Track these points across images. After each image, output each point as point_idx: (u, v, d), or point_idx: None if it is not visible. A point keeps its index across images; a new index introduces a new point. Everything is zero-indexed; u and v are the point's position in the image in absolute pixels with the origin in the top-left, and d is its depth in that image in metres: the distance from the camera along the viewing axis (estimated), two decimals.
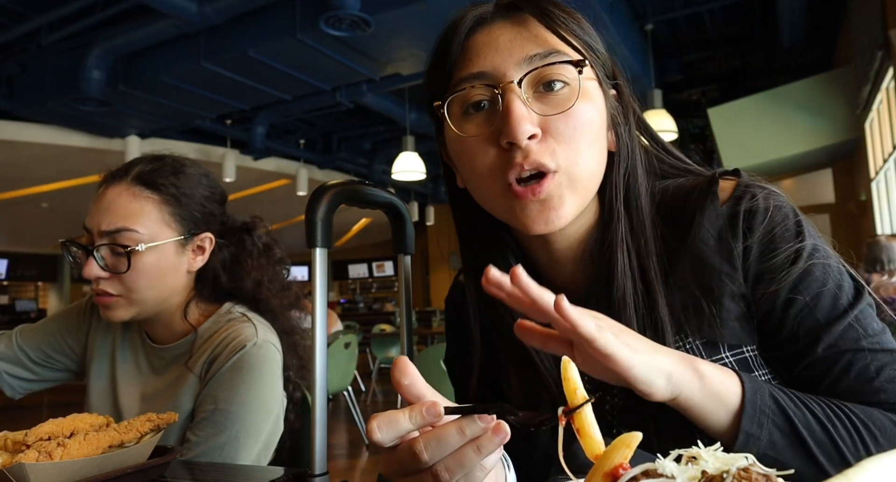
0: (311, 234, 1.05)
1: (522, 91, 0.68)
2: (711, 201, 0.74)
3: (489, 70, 0.70)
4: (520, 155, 0.68)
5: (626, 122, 0.77)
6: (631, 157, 0.76)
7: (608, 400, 0.74)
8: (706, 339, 0.70)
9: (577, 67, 0.69)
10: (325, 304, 1.07)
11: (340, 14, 4.87)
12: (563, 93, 0.69)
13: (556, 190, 0.69)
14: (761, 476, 0.37)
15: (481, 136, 0.71)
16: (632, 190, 0.76)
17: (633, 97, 0.79)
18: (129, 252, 1.14)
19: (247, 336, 1.17)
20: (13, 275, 15.10)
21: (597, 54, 0.74)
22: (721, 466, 0.38)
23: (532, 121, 0.67)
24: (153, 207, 1.18)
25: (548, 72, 0.69)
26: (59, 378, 1.35)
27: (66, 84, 6.18)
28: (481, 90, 0.70)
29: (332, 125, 9.82)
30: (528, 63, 0.69)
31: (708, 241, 0.72)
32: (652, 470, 0.40)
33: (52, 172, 8.66)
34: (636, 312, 0.72)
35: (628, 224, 0.75)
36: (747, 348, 0.70)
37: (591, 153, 0.71)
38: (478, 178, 0.73)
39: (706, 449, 0.41)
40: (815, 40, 7.47)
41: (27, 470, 0.71)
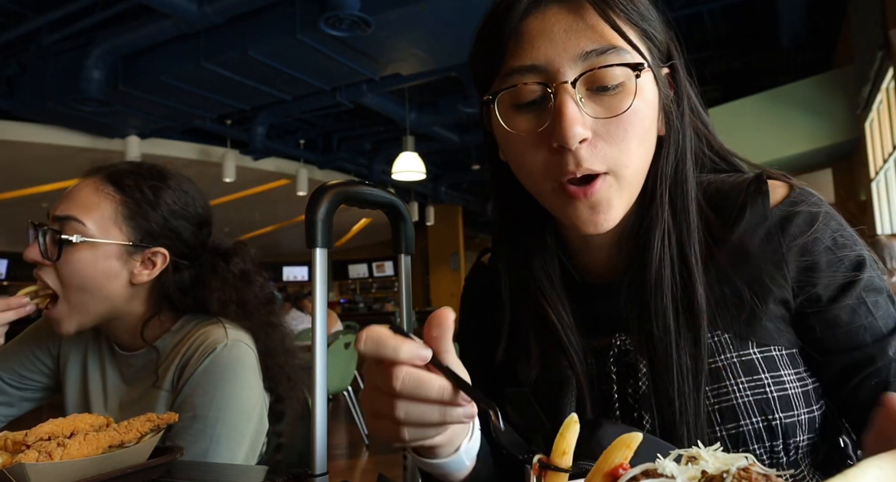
0: (310, 235, 1.05)
1: (576, 92, 0.66)
2: (762, 200, 0.73)
3: (542, 63, 0.67)
4: (571, 161, 0.66)
5: (680, 106, 0.75)
6: (682, 142, 0.74)
7: (631, 384, 0.74)
8: (736, 334, 0.70)
9: (634, 70, 0.66)
10: (325, 305, 1.07)
11: (340, 14, 4.87)
12: (618, 93, 0.67)
13: (605, 192, 0.68)
14: (761, 476, 0.37)
15: (531, 134, 0.68)
16: (679, 174, 0.74)
17: (687, 78, 0.77)
18: (62, 241, 1.10)
19: (216, 337, 1.13)
20: (13, 276, 15.09)
21: (654, 41, 0.71)
22: (721, 466, 0.38)
23: (584, 123, 0.65)
24: (109, 205, 1.15)
25: (603, 73, 0.66)
26: (37, 398, 1.31)
27: (66, 84, 6.18)
28: (533, 88, 0.68)
29: (332, 125, 9.82)
30: (583, 60, 0.66)
31: (754, 238, 0.71)
32: (652, 470, 0.40)
33: (52, 172, 8.66)
34: (672, 299, 0.71)
35: (671, 209, 0.73)
36: (776, 347, 0.70)
37: (640, 152, 0.69)
38: (527, 175, 0.72)
39: (706, 449, 0.41)
40: (815, 40, 7.47)
41: (27, 470, 0.70)
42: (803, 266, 0.70)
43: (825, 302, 0.69)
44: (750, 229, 0.72)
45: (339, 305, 16.52)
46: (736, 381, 0.69)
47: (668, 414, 0.69)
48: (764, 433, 0.68)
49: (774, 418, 0.68)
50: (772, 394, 0.68)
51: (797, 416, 0.69)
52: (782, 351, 0.70)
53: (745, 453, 0.40)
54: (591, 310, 0.78)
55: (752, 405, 0.68)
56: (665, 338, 0.70)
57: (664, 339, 0.70)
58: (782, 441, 0.69)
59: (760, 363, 0.69)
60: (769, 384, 0.68)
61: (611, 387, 0.75)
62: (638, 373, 0.73)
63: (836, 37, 7.59)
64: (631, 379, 0.74)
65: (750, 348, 0.70)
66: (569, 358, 0.75)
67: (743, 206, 0.73)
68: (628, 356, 0.74)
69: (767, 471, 0.38)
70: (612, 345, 0.76)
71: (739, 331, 0.70)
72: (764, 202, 0.73)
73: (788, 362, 0.70)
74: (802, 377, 0.70)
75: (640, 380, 0.73)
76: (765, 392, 0.68)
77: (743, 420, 0.68)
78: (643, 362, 0.72)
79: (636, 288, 0.73)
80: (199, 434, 1.07)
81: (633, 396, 0.73)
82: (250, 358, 1.16)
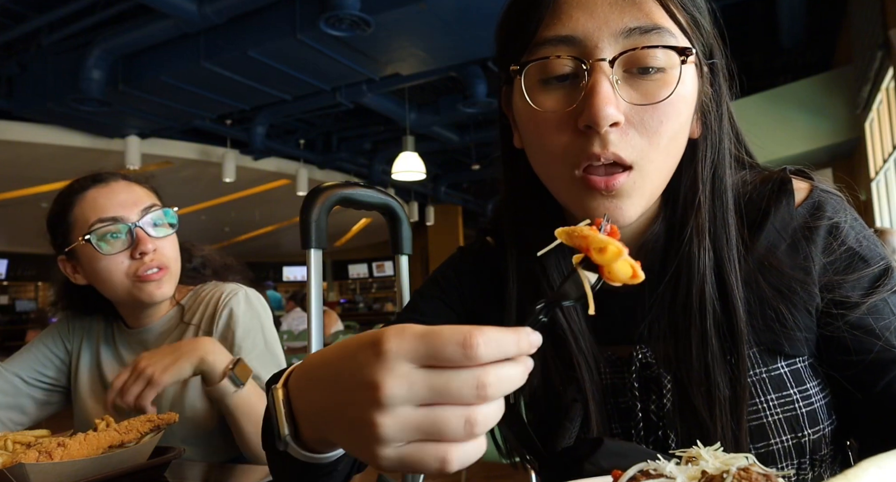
0: (305, 236, 1.05)
1: (613, 72, 0.60)
2: (787, 201, 0.69)
3: (580, 36, 0.60)
4: (598, 143, 0.60)
5: (719, 108, 0.70)
6: (719, 145, 0.69)
7: (654, 400, 0.69)
8: (765, 347, 0.66)
9: (680, 56, 0.60)
10: (320, 305, 1.08)
11: (340, 14, 4.87)
12: (658, 79, 0.61)
13: (629, 187, 0.62)
14: (761, 476, 0.37)
15: (557, 113, 0.62)
16: (718, 181, 0.68)
17: (726, 79, 0.72)
18: (179, 216, 1.29)
19: (233, 288, 1.32)
20: (13, 276, 15.09)
21: (701, 31, 0.66)
22: (721, 466, 0.38)
23: (618, 105, 0.59)
24: (153, 194, 1.32)
25: (645, 54, 0.60)
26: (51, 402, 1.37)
27: (66, 84, 6.18)
28: (566, 62, 0.61)
29: (332, 125, 9.82)
30: (625, 37, 0.60)
31: (779, 243, 0.68)
32: (652, 469, 0.40)
33: (52, 172, 8.65)
34: (713, 318, 0.65)
35: (711, 219, 0.68)
36: (800, 359, 0.67)
37: (670, 149, 0.64)
38: (546, 157, 0.66)
39: (706, 449, 0.41)
40: (815, 40, 7.47)
41: (27, 470, 0.70)
42: (831, 269, 0.67)
43: (852, 303, 0.66)
44: (775, 234, 0.68)
45: (339, 305, 16.52)
46: (766, 398, 0.66)
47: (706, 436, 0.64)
48: (793, 451, 0.65)
49: (804, 435, 0.65)
50: (800, 409, 0.66)
51: (823, 430, 0.66)
52: (805, 362, 0.67)
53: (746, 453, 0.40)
54: (607, 318, 0.71)
55: (782, 423, 0.65)
56: (703, 358, 0.65)
57: (702, 359, 0.65)
58: (809, 456, 0.66)
59: (788, 377, 0.66)
60: (797, 399, 0.66)
61: (633, 401, 0.70)
62: (662, 388, 0.68)
63: (836, 37, 7.59)
64: (654, 394, 0.69)
65: (778, 362, 0.66)
66: (579, 367, 0.70)
67: (767, 210, 0.69)
68: (650, 370, 0.70)
69: (767, 471, 0.38)
70: (633, 358, 0.71)
71: (769, 344, 0.66)
72: (789, 203, 0.69)
73: (812, 373, 0.67)
74: (823, 387, 0.68)
75: (664, 397, 0.68)
76: (794, 408, 0.66)
77: (773, 438, 0.65)
78: (667, 377, 0.68)
79: (667, 301, 0.68)
80: (267, 360, 1.25)
81: (657, 413, 0.69)
82: (266, 305, 1.35)
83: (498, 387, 0.41)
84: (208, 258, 1.45)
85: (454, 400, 0.41)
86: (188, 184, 10.04)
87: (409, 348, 0.41)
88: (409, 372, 0.41)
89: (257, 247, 16.28)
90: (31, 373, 1.34)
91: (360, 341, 0.44)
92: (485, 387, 0.40)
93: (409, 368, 0.41)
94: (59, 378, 1.37)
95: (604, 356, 0.72)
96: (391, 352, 0.41)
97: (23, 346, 1.40)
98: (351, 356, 0.44)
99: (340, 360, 0.45)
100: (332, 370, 0.46)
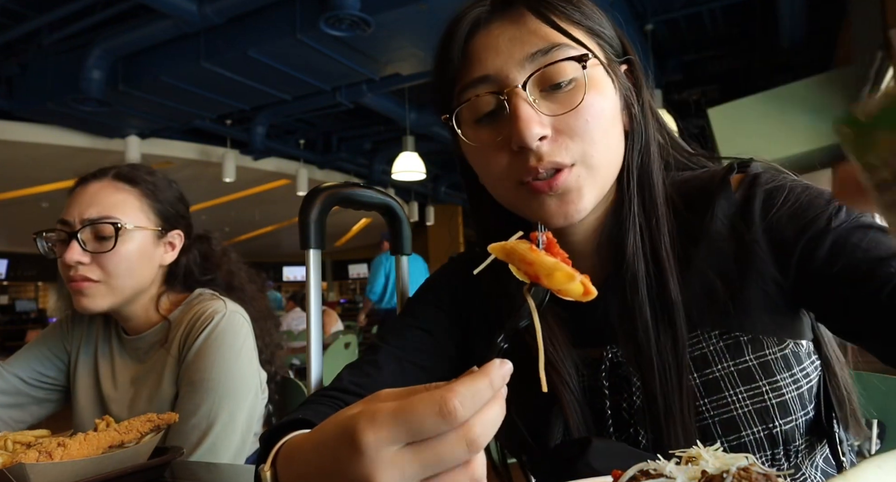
0: (304, 236, 1.05)
1: (528, 93, 0.66)
2: (725, 188, 0.73)
3: (492, 73, 0.68)
4: (533, 158, 0.66)
5: (640, 99, 0.75)
6: (644, 134, 0.75)
7: (625, 398, 0.72)
8: (723, 330, 0.68)
9: (580, 63, 0.67)
10: (319, 305, 1.08)
11: (340, 14, 4.87)
12: (571, 89, 0.67)
13: (574, 182, 0.67)
14: (761, 475, 0.37)
15: (493, 143, 0.69)
16: (645, 167, 0.74)
17: (642, 73, 0.77)
18: (119, 229, 1.20)
19: (216, 308, 1.23)
20: (13, 276, 15.08)
21: (602, 37, 0.72)
22: (721, 466, 0.38)
23: (541, 122, 0.66)
24: (134, 199, 1.26)
25: (551, 71, 0.67)
26: (51, 400, 1.37)
27: (66, 84, 6.17)
28: (488, 98, 0.69)
29: (332, 125, 9.81)
30: (530, 62, 0.67)
31: (722, 229, 0.71)
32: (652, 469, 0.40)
33: (52, 172, 8.65)
34: (648, 296, 0.70)
35: (640, 203, 0.73)
36: (770, 351, 0.68)
37: (607, 142, 0.69)
38: (493, 179, 0.72)
39: (706, 449, 0.41)
40: (815, 40, 7.47)
41: (27, 470, 0.70)
42: (778, 238, 0.68)
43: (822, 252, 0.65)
44: (719, 221, 0.71)
45: (339, 305, 16.52)
46: (735, 391, 0.68)
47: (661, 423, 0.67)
48: (765, 442, 0.67)
49: (775, 426, 0.67)
50: (770, 401, 0.67)
51: (795, 421, 0.68)
52: (776, 353, 0.69)
53: (745, 453, 0.40)
54: (581, 322, 0.77)
55: (752, 415, 0.67)
56: (646, 339, 0.69)
57: (645, 340, 0.69)
58: (783, 447, 0.68)
59: (757, 370, 0.68)
60: (767, 391, 0.68)
61: (603, 401, 0.73)
62: (632, 387, 0.71)
63: (835, 37, 7.58)
64: (625, 393, 0.72)
65: (746, 355, 0.68)
66: (559, 373, 0.73)
67: (711, 199, 0.73)
68: (620, 368, 0.73)
69: (767, 471, 0.38)
70: (603, 358, 0.74)
71: (725, 325, 0.68)
72: (728, 190, 0.73)
73: (783, 365, 0.69)
74: (797, 379, 0.69)
75: (633, 394, 0.71)
76: (764, 400, 0.67)
77: (744, 430, 0.67)
78: (636, 375, 0.71)
79: (618, 292, 0.72)
80: (202, 395, 1.16)
81: (628, 411, 0.72)
82: (246, 328, 1.26)
83: (485, 436, 0.41)
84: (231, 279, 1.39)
85: (449, 465, 0.40)
86: (188, 184, 9.95)
87: (386, 435, 0.39)
88: (395, 456, 0.40)
89: (257, 247, 16.27)
90: (32, 373, 1.34)
91: (336, 438, 0.42)
92: (474, 441, 0.40)
93: (392, 453, 0.40)
94: (58, 377, 1.37)
95: (582, 358, 0.75)
96: (370, 445, 0.39)
97: (23, 346, 1.41)
98: (332, 456, 0.42)
99: (321, 458, 0.44)
100: (315, 467, 0.45)
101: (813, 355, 0.73)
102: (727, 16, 6.92)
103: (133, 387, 1.27)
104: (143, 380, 1.26)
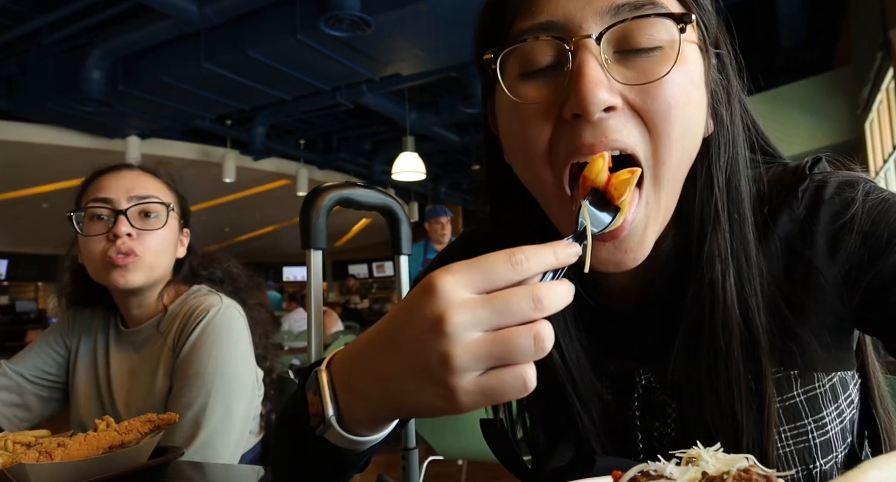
0: (305, 236, 1.06)
1: (601, 50, 0.51)
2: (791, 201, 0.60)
3: (560, 19, 0.52)
4: (590, 132, 0.51)
5: (730, 100, 0.61)
6: (734, 146, 0.60)
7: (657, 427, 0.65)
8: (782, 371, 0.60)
9: (678, 24, 0.52)
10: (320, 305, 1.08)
11: (340, 14, 4.87)
12: (655, 56, 0.52)
13: (641, 219, 0.54)
14: (761, 477, 0.37)
15: (541, 105, 0.54)
16: (734, 190, 0.59)
17: (736, 73, 0.64)
18: (170, 208, 1.28)
19: (211, 302, 1.25)
20: (13, 276, 15.08)
21: (703, 9, 0.58)
22: (721, 467, 0.38)
23: (611, 88, 0.51)
24: (166, 189, 1.33)
25: (638, 28, 0.52)
26: (53, 398, 1.37)
27: (66, 84, 6.18)
28: (547, 45, 0.53)
29: (332, 125, 9.82)
30: (612, 14, 0.52)
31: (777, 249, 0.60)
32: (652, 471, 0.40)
33: (52, 172, 8.65)
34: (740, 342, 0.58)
35: (729, 230, 0.58)
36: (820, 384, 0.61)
37: (685, 145, 0.54)
38: (529, 161, 0.56)
39: (706, 449, 0.41)
40: (815, 40, 7.47)
41: (27, 470, 0.70)
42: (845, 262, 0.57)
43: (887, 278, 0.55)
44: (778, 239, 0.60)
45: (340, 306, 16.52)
46: (779, 431, 0.60)
47: None
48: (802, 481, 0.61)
49: (815, 466, 0.61)
50: (814, 440, 0.61)
51: (835, 458, 0.62)
52: (825, 386, 0.61)
53: (745, 454, 0.40)
54: (605, 337, 0.67)
55: (793, 455, 0.60)
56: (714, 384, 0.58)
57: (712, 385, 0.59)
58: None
59: (804, 406, 0.60)
60: (811, 429, 0.61)
61: (634, 430, 0.65)
62: (667, 418, 0.63)
63: (836, 37, 7.58)
64: (657, 421, 0.64)
65: (794, 390, 0.60)
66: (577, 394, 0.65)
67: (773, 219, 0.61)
68: (653, 395, 0.64)
69: (768, 472, 0.38)
70: (636, 382, 0.65)
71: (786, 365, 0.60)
72: (792, 203, 0.61)
73: (831, 397, 0.61)
74: (842, 410, 0.62)
75: (668, 426, 0.64)
76: (807, 440, 0.61)
77: (781, 471, 0.60)
78: (672, 405, 0.63)
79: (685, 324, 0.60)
80: (198, 389, 1.15)
81: (660, 441, 0.64)
82: (241, 323, 1.27)
83: (551, 300, 0.42)
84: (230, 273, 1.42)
85: (516, 318, 0.41)
86: (188, 184, 10.01)
87: (461, 279, 0.42)
88: (468, 299, 0.41)
89: (257, 247, 16.27)
90: (35, 371, 1.35)
91: (410, 295, 0.44)
92: (540, 300, 0.41)
93: (466, 296, 0.41)
94: (60, 375, 1.38)
95: (606, 370, 0.67)
96: (447, 285, 0.41)
97: (26, 346, 1.41)
98: (405, 309, 0.44)
99: (393, 319, 0.46)
100: (385, 333, 0.47)
101: (856, 376, 0.65)
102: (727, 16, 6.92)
103: (130, 378, 1.28)
104: (139, 371, 1.27)
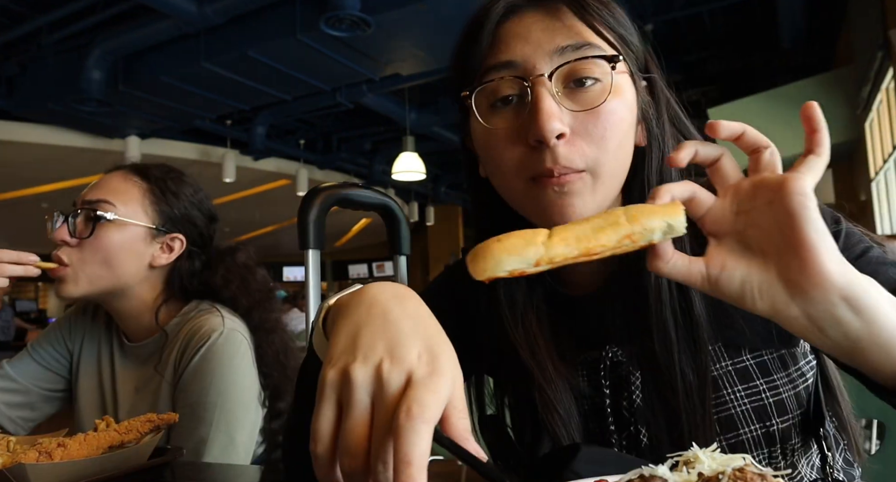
0: (303, 236, 1.06)
1: (553, 85, 0.65)
2: None
3: (519, 60, 0.67)
4: (549, 158, 0.65)
5: (659, 115, 0.74)
6: (664, 149, 0.73)
7: (625, 396, 0.72)
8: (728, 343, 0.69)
9: (610, 63, 0.66)
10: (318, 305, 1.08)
11: (340, 14, 4.87)
12: (595, 89, 0.66)
13: (580, 187, 0.66)
14: (757, 476, 0.37)
15: (508, 131, 0.68)
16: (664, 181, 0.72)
17: (666, 90, 0.77)
18: (97, 218, 1.17)
19: (212, 326, 1.17)
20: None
21: (630, 47, 0.72)
22: (717, 468, 0.39)
23: (562, 119, 0.64)
24: (138, 191, 1.24)
25: (579, 67, 0.66)
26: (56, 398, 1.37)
27: (66, 84, 6.18)
28: (510, 83, 0.68)
29: (332, 125, 9.82)
30: (559, 55, 0.66)
31: None
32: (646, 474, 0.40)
33: (52, 172, 8.66)
34: (672, 310, 0.69)
35: None
36: (767, 351, 0.70)
37: (619, 155, 0.68)
38: (502, 174, 0.70)
39: (703, 450, 0.41)
40: (815, 40, 7.47)
41: (27, 470, 0.71)
42: None
43: None
44: None
45: None
46: (732, 390, 0.69)
47: (675, 428, 0.68)
48: (762, 440, 0.69)
49: (772, 424, 0.68)
50: (767, 400, 0.69)
51: (792, 420, 0.69)
52: (773, 354, 0.70)
53: (742, 454, 0.40)
54: (579, 324, 0.77)
55: (750, 413, 0.69)
56: (666, 351, 0.68)
57: (666, 351, 0.68)
58: (780, 445, 0.69)
59: (754, 369, 0.69)
60: (764, 390, 0.69)
61: (603, 400, 0.73)
62: (631, 385, 0.72)
63: (836, 37, 7.58)
64: (624, 391, 0.73)
65: (743, 355, 0.70)
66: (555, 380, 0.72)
67: None
68: (620, 368, 0.73)
69: (763, 471, 0.38)
70: (602, 358, 0.74)
71: (735, 340, 0.69)
72: None
73: (780, 365, 0.70)
74: (793, 378, 0.71)
75: (633, 393, 0.72)
76: (761, 399, 0.69)
77: (742, 428, 0.68)
78: (636, 374, 0.71)
79: (628, 299, 0.71)
80: (199, 420, 1.11)
81: (629, 409, 0.72)
82: (244, 347, 1.20)
83: None
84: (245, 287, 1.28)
85: None
86: None
87: None
88: None
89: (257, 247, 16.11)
90: (36, 372, 1.34)
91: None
92: None
93: None
94: (62, 374, 1.37)
95: (580, 360, 0.75)
96: None
97: (25, 347, 1.41)
98: None
99: None
100: None
101: (809, 355, 0.74)
102: (727, 16, 6.92)
103: (135, 395, 1.26)
104: (144, 389, 1.25)
